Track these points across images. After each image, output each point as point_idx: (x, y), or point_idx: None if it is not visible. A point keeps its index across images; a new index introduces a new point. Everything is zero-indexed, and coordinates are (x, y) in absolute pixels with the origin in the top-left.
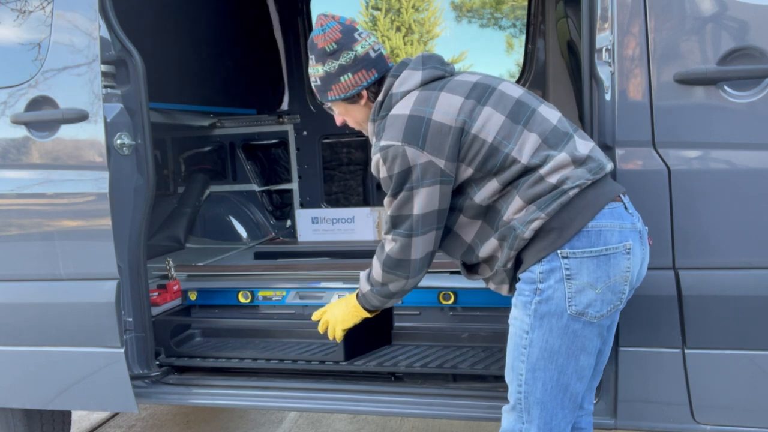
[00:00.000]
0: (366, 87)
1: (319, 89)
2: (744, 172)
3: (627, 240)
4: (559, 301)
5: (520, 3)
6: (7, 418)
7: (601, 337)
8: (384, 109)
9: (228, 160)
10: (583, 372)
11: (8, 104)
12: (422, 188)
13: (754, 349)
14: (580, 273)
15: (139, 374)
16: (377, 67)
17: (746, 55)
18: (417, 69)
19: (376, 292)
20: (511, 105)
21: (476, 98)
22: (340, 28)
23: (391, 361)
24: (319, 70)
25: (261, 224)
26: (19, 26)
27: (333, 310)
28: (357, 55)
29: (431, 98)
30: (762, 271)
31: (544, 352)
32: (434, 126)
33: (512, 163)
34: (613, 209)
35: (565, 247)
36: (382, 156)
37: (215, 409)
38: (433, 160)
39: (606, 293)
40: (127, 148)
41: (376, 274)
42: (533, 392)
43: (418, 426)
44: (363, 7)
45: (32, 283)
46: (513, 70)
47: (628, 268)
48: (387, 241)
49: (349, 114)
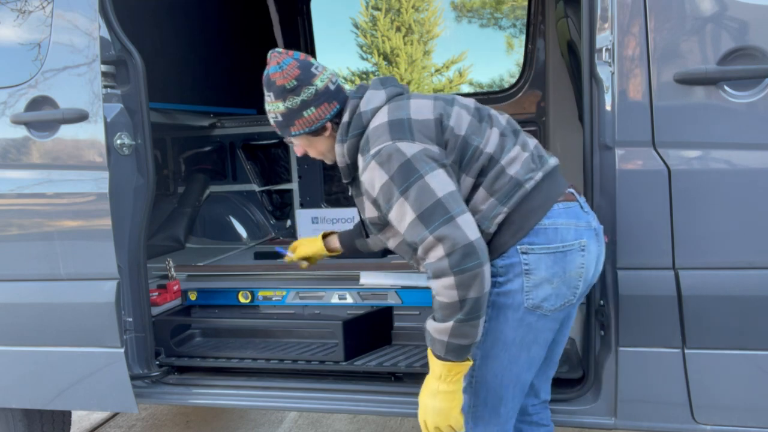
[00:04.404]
0: (329, 119)
1: (281, 125)
2: (744, 172)
3: (582, 237)
4: (516, 294)
5: (520, 3)
6: (7, 418)
7: (554, 331)
8: (353, 128)
9: (228, 160)
10: (533, 362)
11: (8, 104)
12: (430, 172)
13: (754, 349)
14: (538, 268)
15: (139, 374)
16: (338, 99)
17: (746, 55)
18: (379, 89)
19: (463, 319)
20: (472, 107)
21: (443, 101)
22: (297, 64)
23: (391, 361)
24: (280, 107)
25: (261, 224)
26: (19, 26)
27: (424, 401)
28: (318, 90)
29: (403, 106)
30: (762, 271)
31: (498, 342)
32: (416, 122)
33: (480, 155)
34: (569, 208)
35: (524, 243)
36: (377, 161)
37: (215, 409)
38: (426, 146)
39: (561, 288)
40: (127, 148)
41: (448, 295)
42: (484, 378)
43: (417, 426)
44: (363, 7)
45: (32, 283)
46: (513, 70)
47: (582, 264)
48: (431, 252)
49: (312, 146)
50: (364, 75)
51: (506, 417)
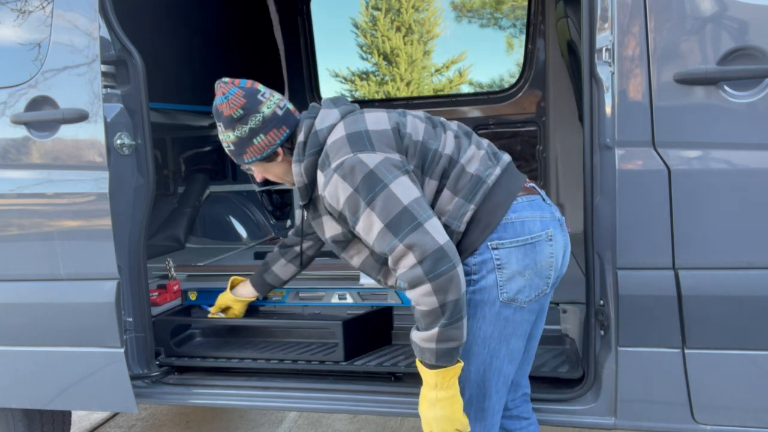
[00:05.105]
0: (280, 144)
1: (234, 153)
2: (744, 172)
3: (548, 228)
4: (491, 289)
5: (520, 3)
6: (7, 418)
7: (530, 323)
8: (310, 147)
9: (228, 160)
10: (514, 355)
11: (8, 104)
12: (393, 181)
13: (754, 349)
14: (509, 262)
15: (139, 374)
16: (287, 123)
17: (746, 55)
18: (331, 107)
19: (446, 323)
20: (423, 117)
21: (396, 113)
22: (243, 93)
23: (391, 361)
24: (230, 136)
25: (261, 224)
26: (19, 26)
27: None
28: (265, 117)
29: (359, 119)
30: (762, 271)
31: (477, 338)
32: (374, 132)
33: (440, 157)
34: (532, 201)
35: (494, 239)
36: (340, 174)
37: (215, 409)
38: (388, 156)
39: (534, 279)
40: (127, 148)
41: (428, 302)
42: (467, 376)
43: (418, 426)
44: (363, 7)
45: (32, 283)
46: (513, 70)
47: (551, 254)
48: (402, 261)
49: (268, 171)
50: (364, 75)
51: (492, 411)
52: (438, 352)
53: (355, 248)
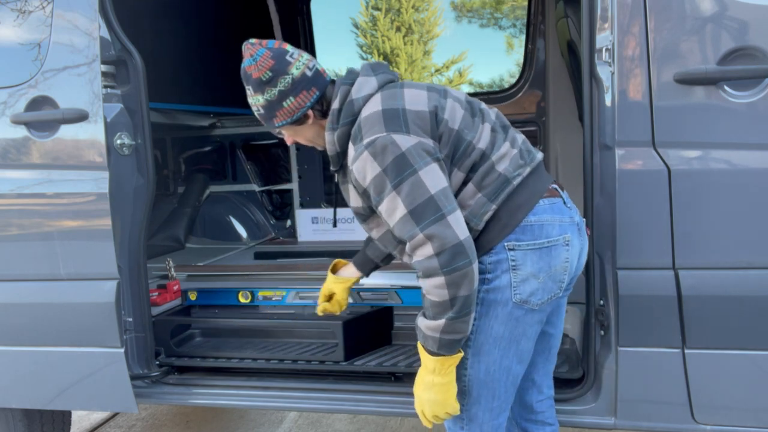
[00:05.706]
0: (310, 107)
1: (264, 117)
2: (744, 172)
3: (566, 233)
4: (504, 290)
5: (520, 3)
6: (7, 418)
7: (542, 323)
8: (345, 116)
9: (228, 160)
10: (523, 355)
11: (8, 104)
12: (424, 167)
13: (754, 349)
14: (524, 264)
15: (139, 374)
16: (317, 85)
17: (746, 55)
18: (370, 75)
19: (454, 317)
20: (464, 101)
21: (437, 92)
22: (271, 54)
23: (391, 361)
24: (260, 100)
25: (261, 224)
26: (19, 26)
27: (419, 394)
28: (294, 78)
29: (397, 94)
30: (762, 271)
31: (489, 338)
32: (411, 112)
33: (473, 150)
34: (553, 204)
35: (511, 240)
36: (371, 152)
37: (215, 409)
38: (421, 140)
39: (547, 282)
40: (127, 148)
41: (439, 294)
42: (477, 376)
43: (418, 426)
44: (363, 7)
45: (32, 283)
46: (513, 70)
47: (567, 259)
48: (420, 249)
49: (299, 134)
50: None
51: (498, 411)
52: (441, 341)
53: (375, 222)
